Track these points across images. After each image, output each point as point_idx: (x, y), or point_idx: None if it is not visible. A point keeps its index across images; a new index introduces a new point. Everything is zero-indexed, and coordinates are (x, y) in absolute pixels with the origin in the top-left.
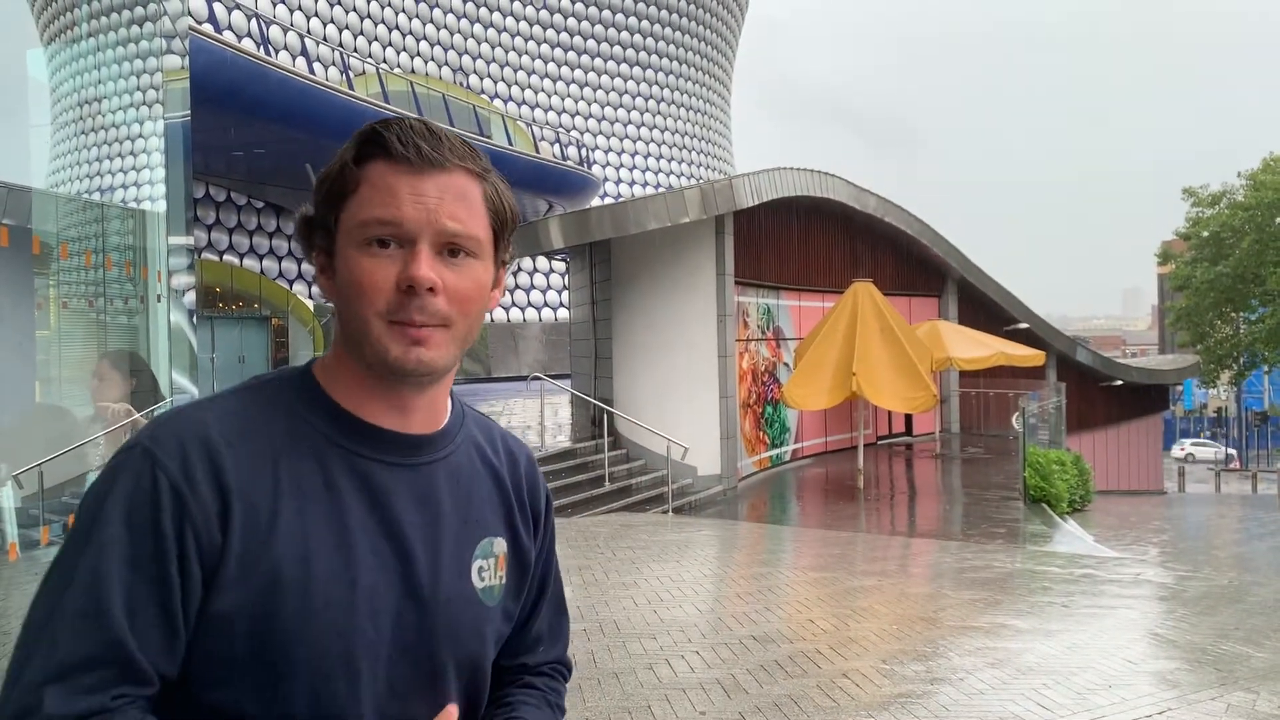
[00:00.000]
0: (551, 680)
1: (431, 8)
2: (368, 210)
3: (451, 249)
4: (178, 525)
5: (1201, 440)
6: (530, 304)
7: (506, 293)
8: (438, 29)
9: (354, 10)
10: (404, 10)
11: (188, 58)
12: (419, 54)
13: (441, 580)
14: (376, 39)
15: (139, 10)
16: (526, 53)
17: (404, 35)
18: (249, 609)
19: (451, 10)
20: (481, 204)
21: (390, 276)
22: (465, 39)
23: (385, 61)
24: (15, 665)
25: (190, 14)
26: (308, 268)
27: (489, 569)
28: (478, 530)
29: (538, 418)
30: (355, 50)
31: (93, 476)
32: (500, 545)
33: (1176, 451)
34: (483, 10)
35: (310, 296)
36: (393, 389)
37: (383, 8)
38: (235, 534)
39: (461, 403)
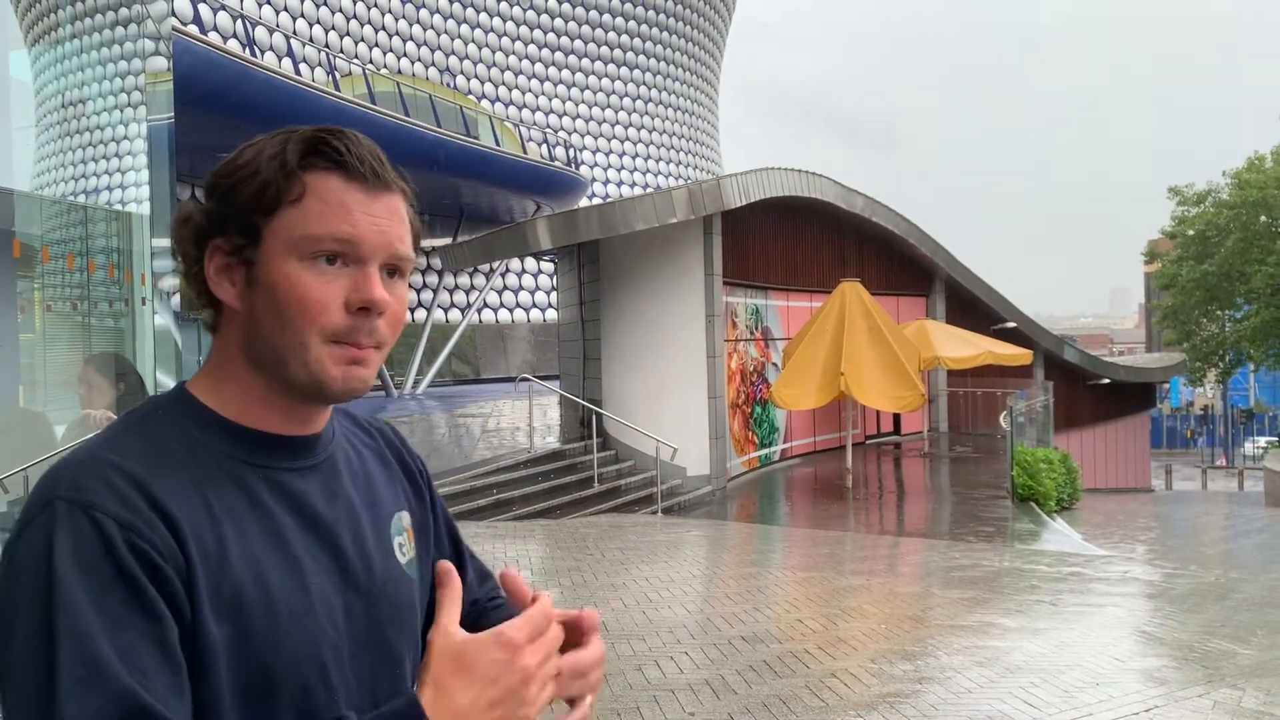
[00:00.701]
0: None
1: (418, 8)
2: (320, 225)
3: (391, 270)
4: (143, 557)
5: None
6: (518, 305)
7: (495, 294)
8: (424, 29)
9: (340, 11)
10: (390, 11)
11: (172, 59)
12: (405, 54)
13: (374, 567)
14: (363, 39)
15: (123, 11)
16: (514, 53)
17: (390, 36)
18: (223, 639)
19: (438, 11)
20: (408, 224)
21: (338, 295)
22: (452, 39)
23: (371, 62)
24: None
25: (175, 15)
26: None
27: (405, 543)
28: (384, 509)
29: (526, 419)
30: (341, 51)
31: None
32: (406, 518)
33: (1249, 448)
34: (469, 11)
35: None
36: (300, 403)
37: (369, 8)
38: (196, 563)
39: None
